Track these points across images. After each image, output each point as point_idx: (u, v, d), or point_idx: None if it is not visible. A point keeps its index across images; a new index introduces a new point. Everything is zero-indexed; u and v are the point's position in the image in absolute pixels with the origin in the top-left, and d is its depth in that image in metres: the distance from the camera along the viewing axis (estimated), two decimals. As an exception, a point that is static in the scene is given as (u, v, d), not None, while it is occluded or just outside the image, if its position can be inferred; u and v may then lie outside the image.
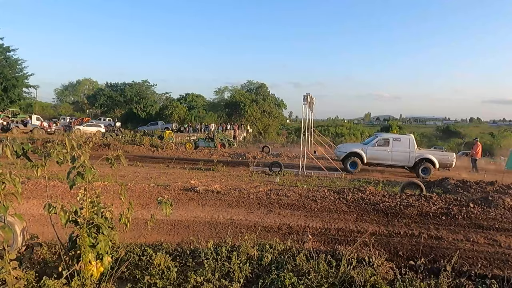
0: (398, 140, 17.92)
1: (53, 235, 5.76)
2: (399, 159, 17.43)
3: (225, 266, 4.03)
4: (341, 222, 7.82)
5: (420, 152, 17.72)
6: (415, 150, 17.49)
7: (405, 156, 17.36)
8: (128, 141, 25.26)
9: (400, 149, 17.45)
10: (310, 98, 16.95)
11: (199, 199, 9.10)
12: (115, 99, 64.38)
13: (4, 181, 3.10)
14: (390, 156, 17.46)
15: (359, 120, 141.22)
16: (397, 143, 17.63)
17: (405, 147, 17.45)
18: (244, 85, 66.50)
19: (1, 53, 43.17)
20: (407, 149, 17.41)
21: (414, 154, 17.33)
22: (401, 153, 17.41)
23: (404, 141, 17.79)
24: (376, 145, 17.76)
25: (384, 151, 17.52)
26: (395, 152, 17.44)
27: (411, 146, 17.48)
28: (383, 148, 17.59)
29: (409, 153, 17.35)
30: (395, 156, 17.44)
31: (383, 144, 17.71)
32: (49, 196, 8.43)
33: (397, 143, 17.65)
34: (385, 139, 17.98)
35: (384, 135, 19.63)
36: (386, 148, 17.56)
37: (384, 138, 18.15)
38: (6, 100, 42.79)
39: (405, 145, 17.52)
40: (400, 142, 17.67)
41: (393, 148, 17.50)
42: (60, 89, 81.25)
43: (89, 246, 3.59)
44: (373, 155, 17.51)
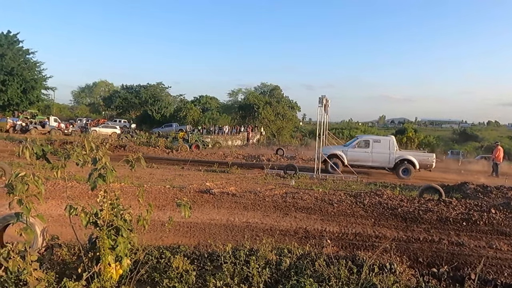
0: (378, 141, 18.10)
1: (72, 236, 5.81)
2: (380, 160, 17.55)
3: (243, 271, 3.98)
4: (358, 226, 7.70)
5: (400, 153, 17.85)
6: (395, 151, 17.61)
7: (385, 157, 17.50)
8: (143, 143, 25.51)
9: (380, 150, 17.57)
10: (326, 101, 16.81)
11: (214, 201, 9.09)
12: (130, 101, 65.15)
13: (27, 183, 3.12)
14: (371, 157, 17.60)
15: (374, 122, 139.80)
16: (378, 145, 17.79)
17: (385, 149, 17.59)
18: (258, 88, 66.53)
19: (21, 55, 44.18)
20: (387, 150, 17.55)
21: (394, 155, 17.48)
22: (381, 154, 17.54)
23: (384, 142, 17.97)
24: (356, 147, 17.97)
25: (364, 152, 17.66)
26: (375, 154, 17.58)
27: (391, 147, 17.61)
28: (363, 149, 17.75)
29: (389, 154, 17.50)
30: (376, 158, 17.56)
31: (364, 146, 17.89)
32: (67, 197, 8.53)
33: (377, 144, 17.82)
34: (365, 141, 18.19)
35: (365, 136, 19.69)
36: (367, 149, 17.71)
37: (365, 140, 18.35)
38: (25, 102, 43.73)
39: (385, 146, 17.66)
40: (381, 144, 17.84)
41: (373, 150, 17.64)
42: (77, 91, 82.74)
43: (109, 248, 3.59)
44: (354, 156, 17.64)
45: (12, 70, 41.71)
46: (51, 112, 52.59)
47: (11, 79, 41.46)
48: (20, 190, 3.14)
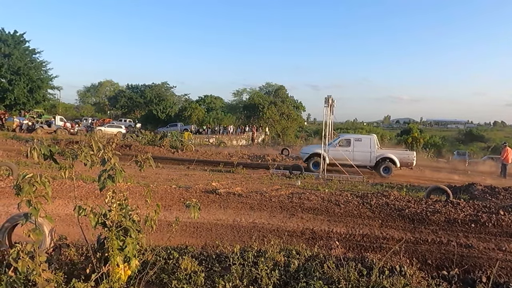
0: (359, 140, 18.26)
1: (79, 235, 5.81)
2: (361, 159, 17.65)
3: (252, 272, 3.95)
4: (365, 227, 7.65)
5: (381, 152, 17.98)
6: (376, 149, 17.75)
7: (367, 155, 17.65)
8: (148, 142, 25.53)
9: (361, 149, 17.74)
10: (331, 101, 16.76)
11: (220, 202, 9.07)
12: (135, 100, 65.38)
13: (35, 184, 3.11)
14: (352, 156, 17.68)
15: (378, 123, 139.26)
16: (359, 143, 17.95)
17: (366, 147, 17.76)
18: (262, 87, 66.45)
19: (27, 55, 44.44)
20: (368, 149, 17.70)
21: (375, 153, 17.60)
22: (362, 153, 17.70)
23: (365, 141, 18.11)
24: (337, 146, 18.07)
25: (346, 151, 17.74)
26: (357, 152, 17.73)
27: (372, 145, 17.76)
28: (344, 148, 17.86)
29: (370, 152, 17.64)
30: (357, 156, 17.68)
31: (345, 145, 18.03)
32: (74, 197, 8.54)
33: (359, 143, 17.97)
34: (347, 140, 18.35)
35: (346, 135, 19.81)
36: (348, 148, 17.84)
37: (346, 139, 18.51)
38: (31, 101, 43.98)
39: (367, 145, 17.83)
40: (362, 142, 18.00)
41: (355, 148, 17.81)
42: (82, 91, 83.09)
43: (117, 249, 3.57)
44: (335, 155, 17.67)
45: (18, 70, 41.98)
46: (57, 112, 52.85)
47: (17, 79, 41.71)
48: (27, 191, 3.13)
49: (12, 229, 4.86)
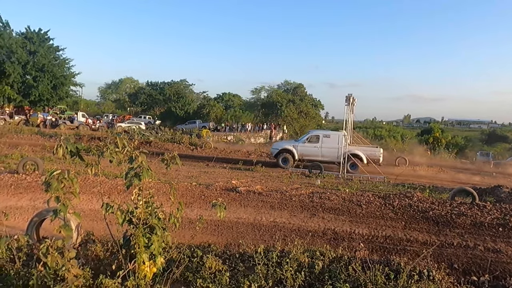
0: (328, 136, 18.64)
1: (103, 231, 5.89)
2: (329, 155, 18.02)
3: (276, 273, 3.92)
4: (388, 229, 7.51)
5: (348, 148, 18.09)
6: (343, 146, 17.89)
7: (334, 152, 17.91)
8: (167, 139, 25.77)
9: (329, 145, 18.08)
10: (352, 99, 16.55)
11: (241, 200, 9.06)
12: (155, 97, 66.11)
13: (63, 181, 3.14)
14: (320, 152, 18.10)
15: (398, 122, 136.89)
16: (327, 140, 18.31)
17: (334, 143, 18.03)
18: (281, 85, 66.21)
19: (51, 52, 45.45)
20: (336, 145, 17.94)
21: (342, 150, 17.76)
22: (330, 149, 18.02)
23: (333, 137, 18.44)
24: (306, 142, 18.50)
25: (314, 147, 18.17)
26: (325, 149, 18.10)
27: (340, 142, 17.94)
28: (313, 144, 18.27)
29: (338, 149, 17.85)
30: (325, 152, 18.06)
31: (314, 141, 18.42)
32: (100, 193, 8.69)
33: (327, 139, 18.34)
34: (315, 136, 18.73)
35: (315, 132, 20.16)
36: (316, 144, 18.23)
37: (315, 135, 18.90)
38: (55, 98, 45.00)
39: (335, 141, 18.09)
40: (330, 139, 18.34)
41: (323, 145, 18.18)
42: (103, 88, 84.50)
43: (144, 247, 3.59)
44: (304, 151, 18.16)
45: (43, 67, 43.00)
46: (79, 108, 54.01)
47: (42, 76, 42.75)
48: (55, 188, 3.17)
49: (40, 224, 4.96)
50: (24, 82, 42.23)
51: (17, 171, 10.58)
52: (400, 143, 42.49)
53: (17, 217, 7.05)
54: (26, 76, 42.58)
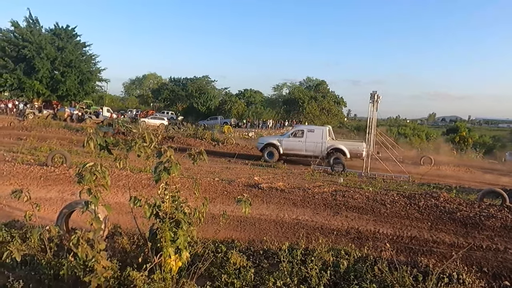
0: (312, 131, 18.81)
1: (128, 224, 6.00)
2: (313, 149, 18.16)
3: (301, 271, 3.89)
4: (414, 229, 7.35)
5: (332, 143, 18.45)
6: (327, 141, 18.19)
7: (318, 146, 18.11)
8: (190, 135, 26.01)
9: (313, 140, 18.22)
10: (377, 97, 16.24)
11: (263, 196, 9.07)
12: (177, 93, 66.83)
13: (95, 173, 3.20)
14: (304, 146, 18.29)
15: (423, 120, 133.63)
16: (311, 134, 18.45)
17: (318, 138, 18.23)
18: (303, 82, 65.82)
19: (78, 48, 46.57)
20: (320, 140, 18.16)
21: (326, 144, 18.08)
22: (314, 143, 18.18)
23: (318, 132, 18.65)
24: (291, 136, 18.79)
25: (298, 142, 18.39)
26: (309, 143, 18.26)
27: (324, 137, 18.21)
28: (297, 139, 18.49)
29: (322, 143, 18.10)
30: (309, 147, 18.23)
31: (298, 135, 18.61)
32: (128, 187, 8.86)
33: (311, 134, 18.48)
34: (300, 131, 19.00)
35: (300, 126, 20.57)
36: (301, 139, 18.42)
37: (299, 130, 19.23)
38: (81, 93, 46.13)
39: (319, 136, 18.30)
40: (314, 133, 18.50)
41: (307, 139, 18.31)
42: (127, 83, 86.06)
43: (170, 241, 3.62)
44: (288, 146, 18.41)
45: (70, 62, 44.12)
46: (104, 103, 55.20)
47: (69, 71, 43.86)
48: (88, 180, 3.23)
49: (69, 215, 5.09)
50: (52, 77, 43.47)
51: (46, 163, 10.91)
52: (425, 142, 41.53)
53: (47, 208, 7.27)
54: (54, 71, 43.82)
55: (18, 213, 6.48)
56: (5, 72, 39.80)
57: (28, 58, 40.80)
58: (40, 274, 3.77)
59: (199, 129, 29.89)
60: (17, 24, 42.03)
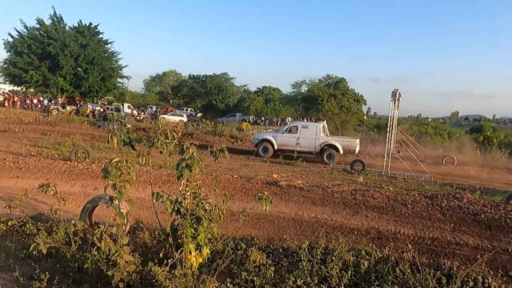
0: (306, 127, 19.20)
1: (149, 219, 6.09)
2: (306, 145, 18.53)
3: (321, 270, 3.86)
4: (436, 231, 7.20)
5: (325, 139, 18.72)
6: (320, 137, 18.49)
7: (311, 142, 18.48)
8: (209, 132, 26.18)
9: (307, 135, 18.55)
10: (398, 95, 15.97)
11: (282, 194, 9.05)
12: (197, 90, 67.26)
13: (121, 169, 3.25)
14: (298, 142, 18.63)
15: (445, 119, 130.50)
16: (305, 130, 18.81)
17: (312, 134, 18.55)
18: (322, 79, 65.08)
19: (100, 46, 47.40)
20: (314, 136, 18.49)
21: (319, 140, 18.42)
22: (307, 139, 18.51)
23: (311, 128, 18.98)
24: (286, 132, 19.18)
25: (292, 137, 18.75)
26: (302, 139, 18.58)
27: (318, 133, 18.54)
28: (291, 135, 18.87)
29: (315, 139, 18.44)
30: (302, 143, 18.57)
31: (292, 132, 18.99)
32: (144, 182, 8.99)
33: (305, 130, 18.84)
34: (294, 127, 19.36)
35: (294, 123, 20.98)
36: (295, 135, 18.78)
37: (294, 126, 19.58)
38: (103, 89, 46.96)
39: (312, 132, 18.64)
40: (308, 130, 18.86)
41: (301, 135, 18.67)
42: (148, 80, 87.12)
43: (190, 237, 3.66)
44: (283, 141, 18.82)
45: (93, 60, 44.94)
46: (125, 99, 56.05)
47: (92, 68, 44.70)
48: (114, 175, 3.29)
49: (92, 209, 5.19)
50: (75, 74, 44.39)
51: (69, 158, 11.18)
52: (447, 141, 40.56)
53: (70, 202, 7.43)
54: (77, 68, 44.72)
55: (43, 206, 6.66)
56: (31, 68, 40.85)
57: (53, 55, 41.77)
58: (65, 267, 3.87)
59: (218, 126, 30.03)
60: (43, 22, 43.06)
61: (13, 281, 3.69)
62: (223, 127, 28.36)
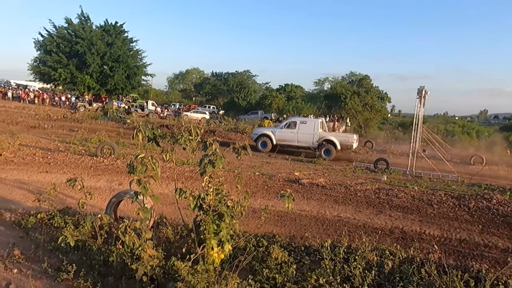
0: (304, 123, 19.25)
1: (171, 214, 6.17)
2: (304, 140, 18.65)
3: (344, 269, 3.81)
4: (463, 232, 6.99)
5: (323, 134, 18.71)
6: (319, 132, 18.49)
7: (309, 137, 18.54)
8: (231, 129, 26.29)
9: (305, 131, 18.62)
10: (424, 92, 15.56)
11: (304, 192, 8.99)
12: (219, 87, 67.75)
13: (147, 165, 3.29)
14: (296, 137, 18.76)
15: (473, 117, 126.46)
16: (304, 126, 18.87)
17: (310, 129, 18.60)
18: (345, 77, 64.26)
19: (126, 44, 48.38)
20: (312, 131, 18.53)
21: (317, 136, 18.44)
22: (306, 135, 18.61)
23: (310, 124, 19.10)
24: (284, 128, 19.30)
25: (291, 133, 18.87)
26: (301, 134, 18.69)
27: (316, 128, 18.57)
28: (290, 130, 18.96)
29: (313, 135, 18.47)
30: (301, 138, 18.70)
31: (291, 127, 19.07)
32: (167, 178, 9.12)
33: (304, 125, 18.91)
34: (293, 122, 19.42)
35: (293, 118, 21.43)
36: (293, 130, 18.88)
37: (292, 121, 19.66)
38: (128, 87, 47.96)
39: (310, 127, 18.68)
40: (306, 125, 18.93)
41: (299, 130, 18.76)
42: (171, 78, 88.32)
43: (213, 233, 3.68)
44: (281, 136, 18.96)
45: (118, 58, 45.97)
46: (149, 97, 56.97)
47: (117, 66, 45.74)
48: (140, 171, 3.34)
49: (117, 204, 5.30)
50: (101, 72, 45.51)
51: (95, 154, 11.46)
52: (476, 140, 39.29)
53: (96, 196, 7.60)
54: (103, 66, 45.83)
55: (71, 200, 6.86)
56: (60, 67, 42.13)
57: (80, 54, 42.94)
58: (91, 260, 3.96)
59: (240, 123, 30.11)
60: (71, 21, 44.30)
61: (42, 272, 3.82)
62: (245, 125, 28.39)
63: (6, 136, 13.17)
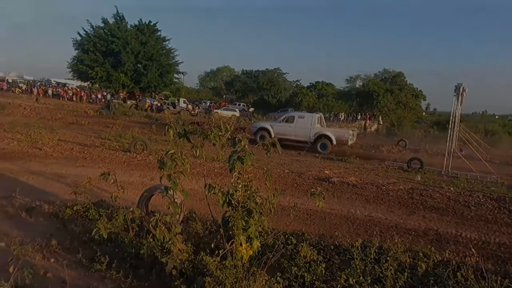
0: (302, 117, 19.65)
1: (202, 210, 6.23)
2: (301, 134, 18.96)
3: (375, 270, 3.71)
4: (503, 236, 6.66)
5: (319, 129, 19.04)
6: (315, 127, 18.83)
7: (306, 132, 18.88)
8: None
9: (302, 125, 18.99)
10: (462, 89, 14.93)
11: (334, 191, 8.86)
12: (249, 85, 67.94)
13: (176, 160, 3.33)
14: (294, 131, 19.08)
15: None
16: (301, 120, 19.25)
17: (307, 124, 18.97)
18: (378, 74, 62.76)
19: (159, 43, 49.46)
20: (309, 126, 18.89)
21: (314, 130, 18.81)
22: (303, 129, 18.93)
23: (307, 118, 19.45)
24: (283, 122, 19.70)
25: (289, 127, 19.23)
26: (298, 128, 19.03)
27: (313, 123, 18.92)
28: (288, 124, 19.35)
29: (310, 129, 18.82)
30: (298, 132, 19.01)
31: (289, 121, 19.46)
32: (197, 174, 9.23)
33: (301, 120, 19.29)
34: (291, 117, 19.91)
35: (292, 113, 22.07)
36: (291, 124, 19.26)
37: (291, 116, 20.24)
38: (161, 85, 49.04)
39: (308, 122, 19.07)
40: (304, 120, 19.30)
41: (297, 125, 19.12)
42: (202, 76, 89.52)
43: (241, 229, 3.68)
44: (279, 130, 19.23)
45: (152, 56, 47.10)
46: (181, 94, 57.98)
47: (151, 64, 46.86)
48: (170, 167, 3.39)
49: (149, 198, 5.42)
50: (136, 70, 46.74)
51: (129, 149, 11.78)
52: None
53: (129, 191, 7.82)
54: (137, 64, 47.05)
55: (105, 194, 7.07)
56: (96, 65, 43.64)
57: (115, 53, 44.29)
58: (123, 252, 4.07)
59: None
60: (107, 21, 45.75)
61: (76, 262, 3.96)
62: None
63: (46, 132, 13.80)
